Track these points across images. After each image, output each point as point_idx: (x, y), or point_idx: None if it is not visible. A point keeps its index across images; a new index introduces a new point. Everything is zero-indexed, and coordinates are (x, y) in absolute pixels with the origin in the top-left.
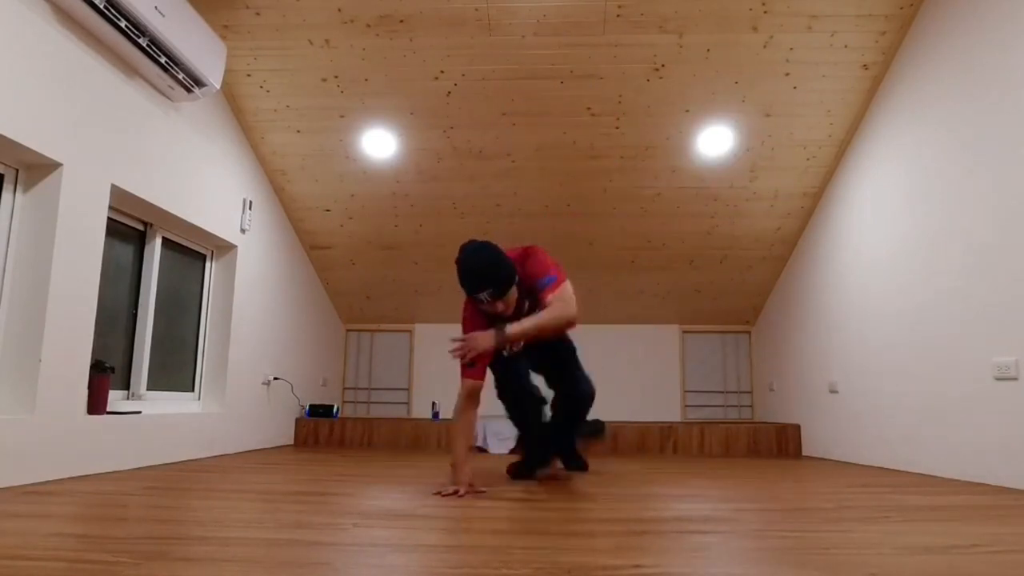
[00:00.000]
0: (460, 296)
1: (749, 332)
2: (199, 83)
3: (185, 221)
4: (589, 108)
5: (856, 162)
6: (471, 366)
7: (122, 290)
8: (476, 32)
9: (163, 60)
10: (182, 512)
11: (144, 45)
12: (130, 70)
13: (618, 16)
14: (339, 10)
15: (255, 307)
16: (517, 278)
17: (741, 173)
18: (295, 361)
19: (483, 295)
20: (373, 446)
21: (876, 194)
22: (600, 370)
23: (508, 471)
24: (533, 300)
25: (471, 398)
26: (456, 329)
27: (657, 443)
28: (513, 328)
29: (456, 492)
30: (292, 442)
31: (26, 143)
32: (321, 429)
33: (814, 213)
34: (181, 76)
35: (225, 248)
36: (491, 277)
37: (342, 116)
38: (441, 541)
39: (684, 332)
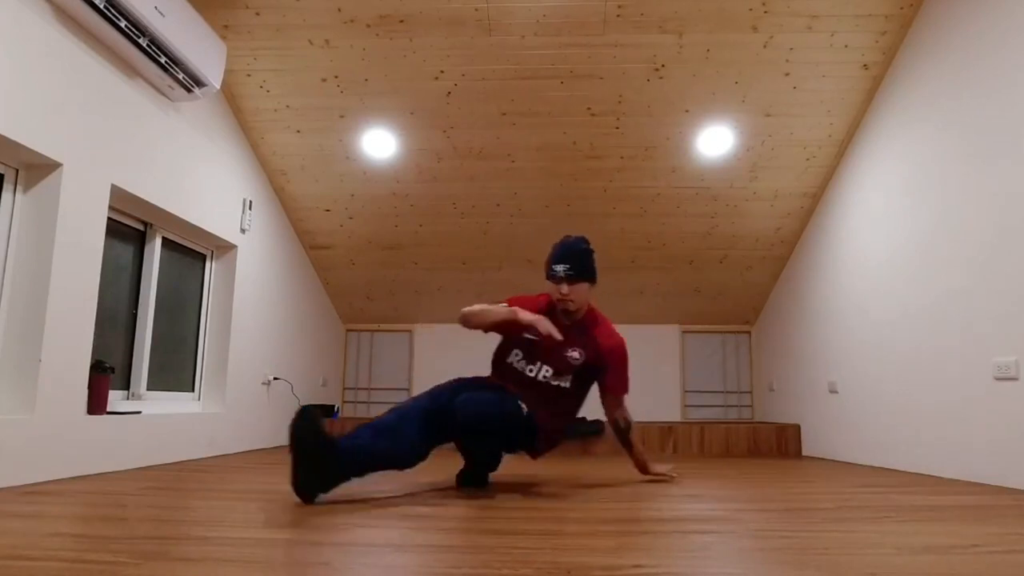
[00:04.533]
0: (461, 296)
1: (749, 332)
2: (199, 83)
3: (185, 221)
4: (589, 108)
5: (856, 162)
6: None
7: (122, 290)
8: (476, 32)
9: (163, 60)
10: (182, 512)
11: (144, 45)
12: (130, 70)
13: (618, 16)
14: (339, 10)
15: (255, 307)
16: (597, 352)
17: (741, 173)
18: (295, 361)
19: (561, 268)
20: None
21: (876, 194)
22: None
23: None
24: (589, 370)
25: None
26: (456, 329)
27: (657, 443)
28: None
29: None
30: None
31: (26, 143)
32: None
33: (814, 213)
34: (181, 76)
35: (225, 248)
36: (581, 260)
37: (342, 116)
38: (441, 541)
39: (684, 332)
